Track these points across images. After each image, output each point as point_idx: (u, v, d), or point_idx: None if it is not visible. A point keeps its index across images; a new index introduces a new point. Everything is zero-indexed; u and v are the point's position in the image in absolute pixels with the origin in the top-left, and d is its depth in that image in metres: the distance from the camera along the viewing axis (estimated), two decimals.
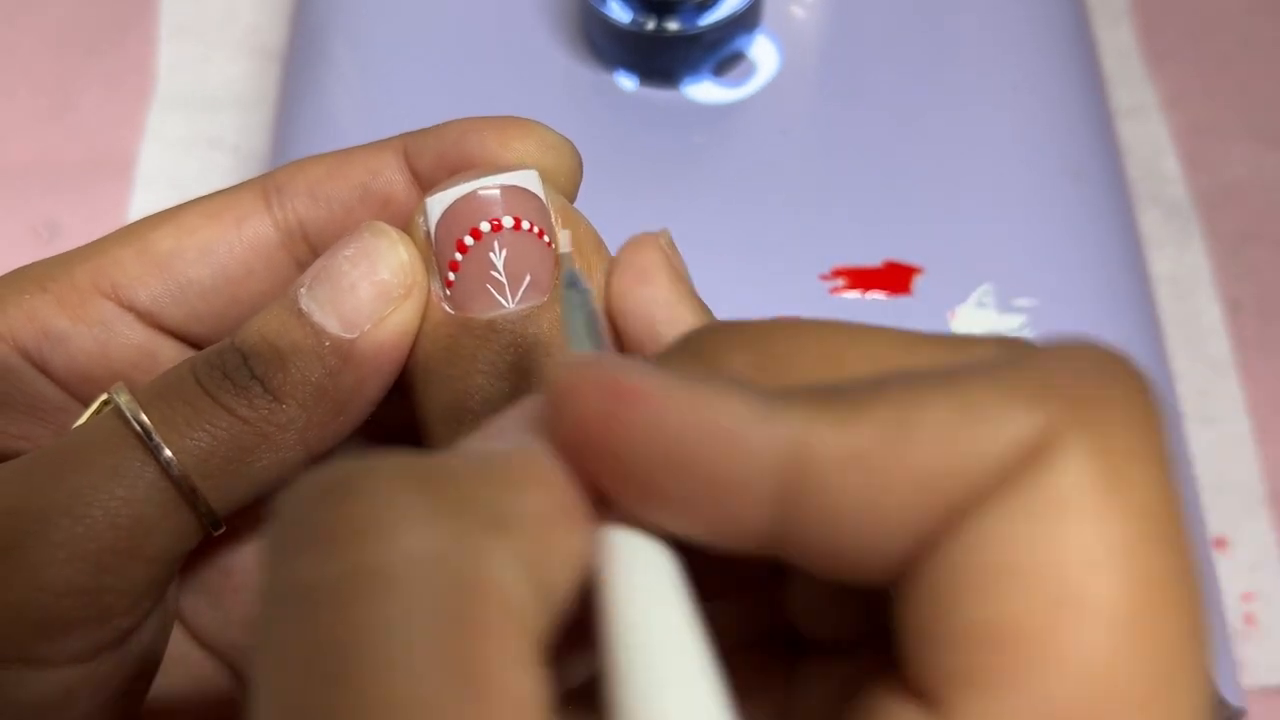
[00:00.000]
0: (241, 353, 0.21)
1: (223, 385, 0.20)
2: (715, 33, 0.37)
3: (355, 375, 0.21)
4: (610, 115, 0.38)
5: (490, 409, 0.21)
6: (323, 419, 0.21)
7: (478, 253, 0.21)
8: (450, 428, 0.21)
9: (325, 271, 0.21)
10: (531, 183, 0.21)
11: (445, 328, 0.21)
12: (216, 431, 0.20)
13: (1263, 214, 0.44)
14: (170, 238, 0.23)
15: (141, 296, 0.22)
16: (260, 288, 0.23)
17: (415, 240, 0.21)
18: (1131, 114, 0.46)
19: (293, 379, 0.20)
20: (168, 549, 0.20)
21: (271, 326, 0.21)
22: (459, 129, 0.23)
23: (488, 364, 0.21)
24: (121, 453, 0.20)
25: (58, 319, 0.22)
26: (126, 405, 0.20)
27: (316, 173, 0.23)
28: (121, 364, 0.23)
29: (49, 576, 0.19)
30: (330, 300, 0.21)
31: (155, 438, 0.20)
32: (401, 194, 0.23)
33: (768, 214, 0.35)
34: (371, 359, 0.21)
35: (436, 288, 0.21)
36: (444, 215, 0.21)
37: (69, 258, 0.23)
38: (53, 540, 0.19)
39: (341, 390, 0.21)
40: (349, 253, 0.21)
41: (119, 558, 0.20)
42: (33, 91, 0.46)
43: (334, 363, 0.20)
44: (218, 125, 0.45)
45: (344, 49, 0.39)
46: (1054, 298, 0.34)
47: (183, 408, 0.20)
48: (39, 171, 0.44)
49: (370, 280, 0.21)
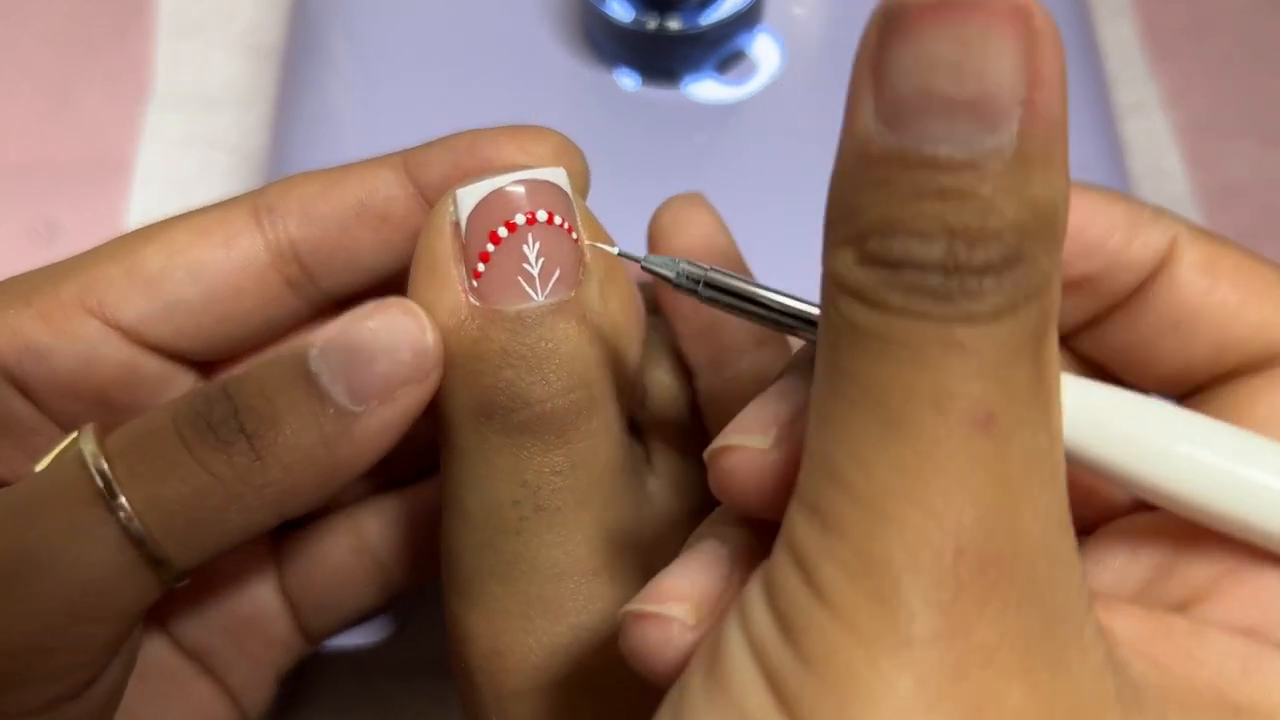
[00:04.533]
0: (234, 403, 0.20)
1: (204, 437, 0.19)
2: (717, 31, 0.37)
3: (352, 449, 0.20)
4: (612, 114, 0.38)
5: (520, 403, 0.21)
6: (304, 485, 0.20)
7: (511, 244, 0.21)
8: (477, 425, 0.21)
9: (345, 337, 0.20)
10: (561, 180, 0.21)
11: (472, 321, 0.21)
12: (185, 489, 0.19)
13: (1264, 212, 0.44)
14: (160, 256, 0.22)
15: (128, 314, 0.22)
16: (249, 307, 0.23)
17: (439, 231, 0.21)
18: (1133, 111, 0.46)
19: (283, 441, 0.19)
20: (127, 608, 0.20)
21: (272, 381, 0.20)
22: (469, 138, 0.23)
23: (518, 358, 0.21)
24: (80, 509, 0.19)
25: (40, 334, 0.22)
26: (90, 455, 0.19)
27: (309, 191, 0.23)
28: (103, 381, 0.22)
29: (3, 638, 0.18)
30: (343, 368, 0.20)
31: (117, 493, 0.19)
32: (401, 210, 0.23)
33: (770, 213, 0.35)
34: (372, 436, 0.20)
35: (463, 279, 0.21)
36: (477, 206, 0.21)
37: (55, 271, 0.22)
38: (7, 598, 0.18)
39: (333, 461, 0.20)
40: (374, 325, 0.20)
41: (75, 620, 0.19)
42: (32, 91, 0.46)
43: (332, 432, 0.20)
44: (216, 124, 0.45)
45: (343, 48, 0.39)
46: None
47: (154, 460, 0.19)
48: (38, 171, 0.44)
49: (392, 359, 0.20)
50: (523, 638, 0.21)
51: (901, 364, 0.14)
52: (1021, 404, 0.14)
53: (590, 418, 0.21)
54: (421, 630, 0.30)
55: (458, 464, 0.22)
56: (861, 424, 0.14)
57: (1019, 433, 0.14)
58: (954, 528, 0.14)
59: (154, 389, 0.23)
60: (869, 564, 0.14)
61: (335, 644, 0.30)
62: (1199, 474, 0.17)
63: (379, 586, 0.26)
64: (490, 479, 0.21)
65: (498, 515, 0.21)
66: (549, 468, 0.21)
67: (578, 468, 0.21)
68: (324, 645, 0.29)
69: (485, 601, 0.22)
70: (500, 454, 0.21)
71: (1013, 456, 0.14)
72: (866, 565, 0.14)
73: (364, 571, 0.25)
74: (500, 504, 0.21)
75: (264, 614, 0.25)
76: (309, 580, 0.25)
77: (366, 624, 0.30)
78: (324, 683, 0.36)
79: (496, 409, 0.21)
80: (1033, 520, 0.14)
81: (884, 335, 0.14)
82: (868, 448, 0.14)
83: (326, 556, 0.25)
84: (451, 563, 0.22)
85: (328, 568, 0.25)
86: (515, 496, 0.21)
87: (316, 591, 0.25)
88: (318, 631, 0.26)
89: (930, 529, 0.14)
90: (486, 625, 0.22)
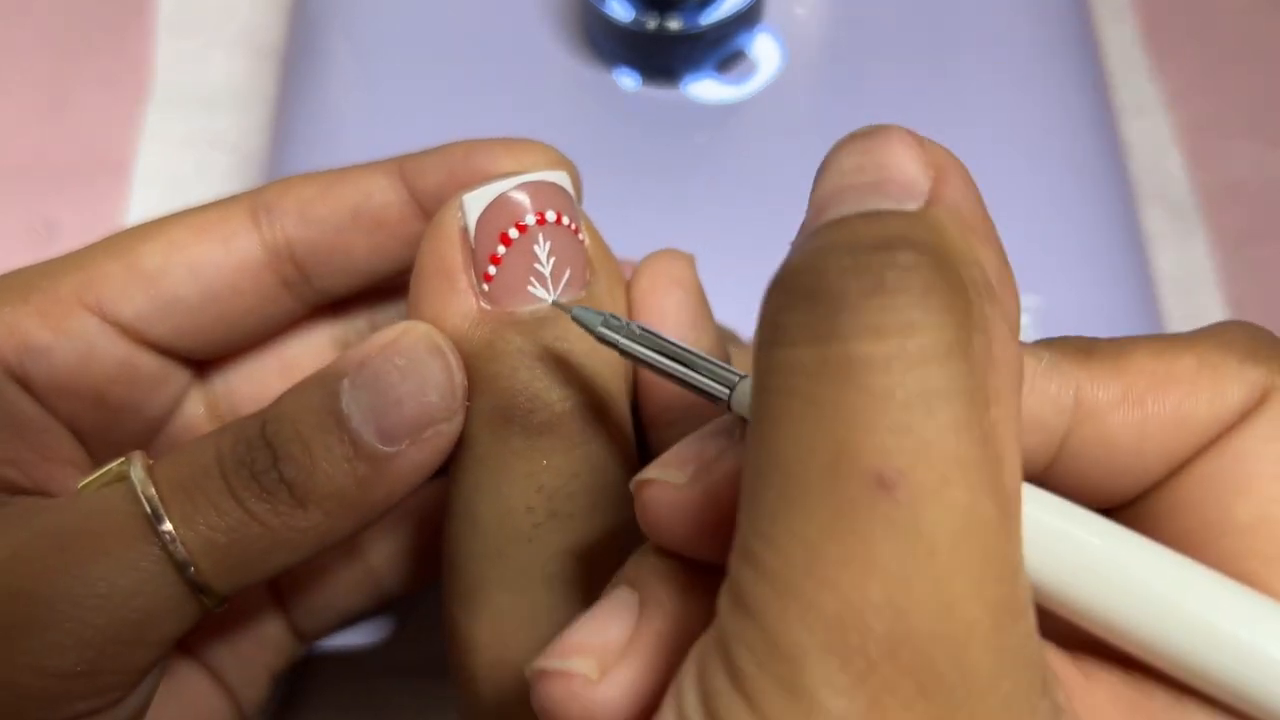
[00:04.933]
0: (273, 451, 0.20)
1: (249, 486, 0.20)
2: (717, 31, 0.37)
3: (384, 489, 0.20)
4: (612, 114, 0.37)
5: (539, 404, 0.21)
6: (342, 526, 0.20)
7: (522, 245, 0.21)
8: (494, 430, 0.21)
9: (372, 374, 0.20)
10: (565, 182, 0.21)
11: (484, 325, 0.21)
12: (235, 535, 0.20)
13: (1265, 212, 0.44)
14: (159, 254, 0.22)
15: (127, 312, 0.22)
16: (246, 305, 0.23)
17: (446, 237, 0.21)
18: (1134, 112, 0.46)
19: (321, 487, 0.20)
20: (171, 634, 0.20)
21: (308, 422, 0.20)
22: (464, 148, 0.23)
23: (535, 358, 0.21)
24: (136, 546, 0.19)
25: (40, 332, 0.22)
26: (142, 489, 0.20)
27: (307, 192, 0.23)
28: (101, 378, 0.22)
29: (53, 662, 0.19)
30: (373, 409, 0.20)
31: (173, 533, 0.19)
32: (395, 216, 0.23)
33: (770, 213, 0.35)
34: (405, 476, 0.20)
35: (473, 283, 0.21)
36: (486, 210, 0.21)
37: (52, 268, 0.22)
38: (60, 628, 0.19)
39: (367, 501, 0.20)
40: (401, 363, 0.20)
41: (124, 646, 0.19)
42: (30, 90, 0.46)
43: (365, 473, 0.20)
44: (216, 123, 0.45)
45: (343, 47, 0.39)
46: (1057, 296, 0.34)
47: (204, 505, 0.20)
48: (37, 170, 0.44)
49: (418, 400, 0.20)
50: (531, 647, 0.21)
51: (803, 422, 0.13)
52: (943, 461, 0.13)
53: (606, 418, 0.21)
54: (420, 630, 0.30)
55: (473, 471, 0.21)
56: (766, 496, 0.13)
57: (943, 495, 0.13)
58: (859, 604, 0.13)
59: (150, 387, 0.23)
60: (775, 647, 0.13)
61: (333, 644, 0.30)
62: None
63: (371, 591, 0.26)
64: (506, 485, 0.21)
65: (511, 522, 0.21)
66: (567, 470, 0.21)
67: (592, 472, 0.21)
68: (321, 645, 0.29)
69: (492, 611, 0.21)
70: (518, 458, 0.21)
71: (933, 523, 0.13)
72: (773, 649, 0.13)
73: (356, 576, 0.25)
74: (514, 511, 0.21)
75: (257, 615, 0.25)
76: (301, 583, 0.25)
77: (364, 624, 0.30)
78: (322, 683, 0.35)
79: (516, 412, 0.21)
80: (968, 598, 0.13)
81: (788, 390, 0.13)
82: (773, 522, 0.13)
83: (320, 562, 0.25)
84: (456, 572, 0.22)
85: (320, 571, 0.25)
86: (530, 502, 0.21)
87: (310, 595, 0.25)
88: (310, 632, 0.26)
89: (832, 606, 0.13)
90: (493, 634, 0.21)
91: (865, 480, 0.13)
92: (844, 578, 0.13)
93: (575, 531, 0.21)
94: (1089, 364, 0.17)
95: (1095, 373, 0.17)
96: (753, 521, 0.14)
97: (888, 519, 0.13)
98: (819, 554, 0.13)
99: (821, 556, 0.13)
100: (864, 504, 0.13)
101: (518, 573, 0.21)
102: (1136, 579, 0.15)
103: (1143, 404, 0.16)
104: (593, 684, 0.16)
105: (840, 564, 0.13)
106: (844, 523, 0.13)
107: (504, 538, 0.21)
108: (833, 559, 0.13)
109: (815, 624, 0.13)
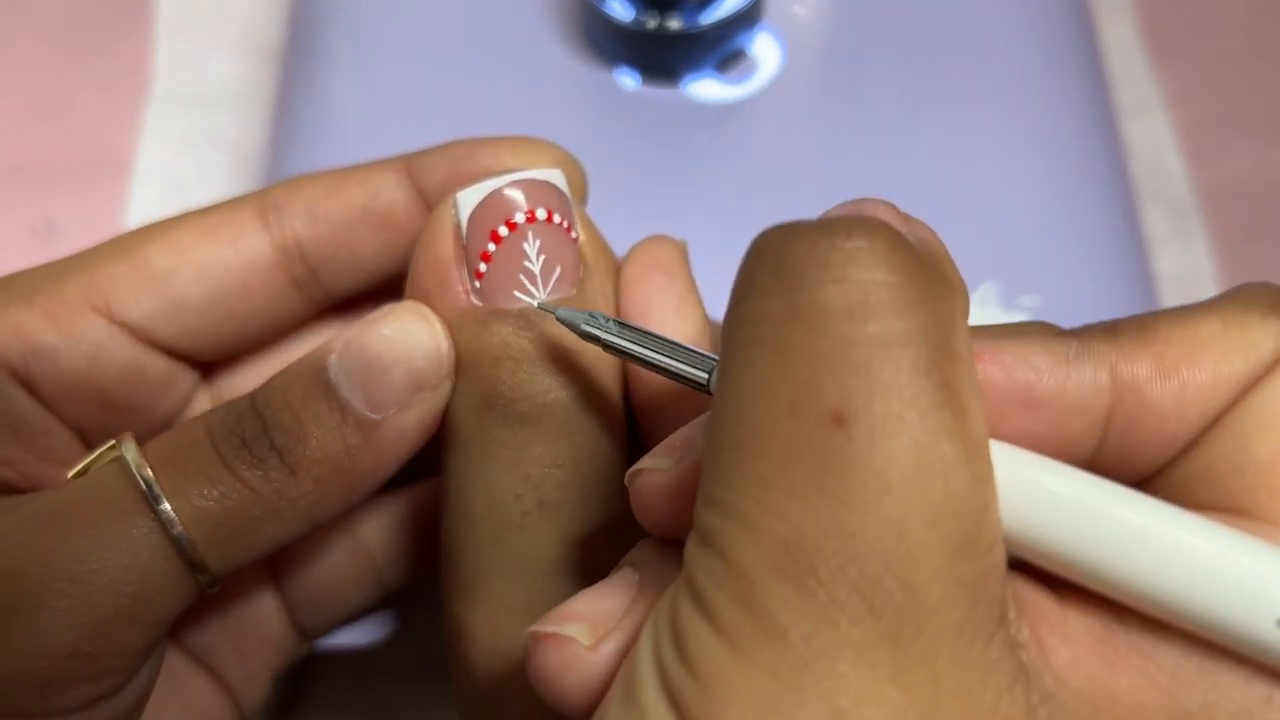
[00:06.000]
0: (263, 420, 0.20)
1: (240, 454, 0.20)
2: (717, 30, 0.37)
3: (373, 457, 0.20)
4: (612, 114, 0.37)
5: (522, 395, 0.21)
6: (333, 494, 0.20)
7: (512, 243, 0.21)
8: (479, 417, 0.21)
9: (359, 345, 0.20)
10: (559, 180, 0.22)
11: (473, 319, 0.21)
12: (226, 503, 0.20)
13: (1265, 211, 0.44)
14: (166, 255, 0.22)
15: (134, 313, 0.22)
16: (254, 305, 0.23)
17: (440, 233, 0.21)
18: (1134, 111, 0.46)
19: (311, 453, 0.20)
20: (166, 613, 0.20)
21: (296, 393, 0.20)
22: (469, 146, 0.23)
23: (519, 350, 0.21)
24: (129, 519, 0.19)
25: (46, 334, 0.22)
26: (135, 465, 0.20)
27: (315, 191, 0.23)
28: (108, 380, 0.22)
29: (50, 642, 0.19)
30: (361, 378, 0.20)
31: (163, 501, 0.19)
32: (402, 214, 0.23)
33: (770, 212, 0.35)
34: (392, 443, 0.21)
35: (464, 280, 0.21)
36: (478, 207, 0.21)
37: (58, 269, 0.22)
38: (56, 607, 0.19)
39: (357, 469, 0.20)
40: (388, 332, 0.21)
41: (120, 625, 0.19)
42: (30, 90, 0.46)
43: (354, 441, 0.20)
44: (216, 123, 0.45)
45: (343, 46, 0.39)
46: (1057, 295, 0.34)
47: (195, 475, 0.20)
48: (37, 170, 0.44)
49: (406, 367, 0.20)
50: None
51: (766, 366, 0.14)
52: (900, 402, 0.14)
53: (592, 412, 0.21)
54: (421, 630, 0.30)
55: (461, 457, 0.22)
56: (727, 444, 0.14)
57: (898, 433, 0.14)
58: (808, 528, 0.14)
59: (157, 389, 0.23)
60: (731, 568, 0.14)
61: (335, 644, 0.30)
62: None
63: (373, 585, 0.26)
64: (493, 472, 0.21)
65: (501, 510, 0.21)
66: (550, 460, 0.21)
67: (580, 462, 0.21)
68: (323, 645, 0.29)
69: (487, 599, 0.22)
70: (503, 446, 0.21)
71: (886, 457, 0.14)
72: (730, 570, 0.14)
73: (358, 571, 0.26)
74: (504, 498, 0.21)
75: (258, 612, 0.25)
76: (303, 579, 0.25)
77: (366, 624, 0.30)
78: (323, 683, 0.35)
79: (498, 400, 0.21)
80: (920, 528, 0.14)
81: (755, 339, 0.14)
82: (733, 467, 0.14)
83: (321, 555, 0.25)
84: (452, 560, 0.22)
85: (322, 567, 0.25)
86: (518, 490, 0.21)
87: (311, 590, 0.25)
88: (312, 629, 0.26)
89: (781, 529, 0.14)
90: (488, 623, 0.22)
91: (822, 418, 0.14)
92: (793, 505, 0.14)
93: (567, 520, 0.22)
94: (1117, 342, 0.17)
95: (1125, 350, 0.17)
96: (715, 469, 0.15)
97: (839, 452, 0.14)
98: (771, 486, 0.14)
99: (774, 488, 0.14)
100: (817, 440, 0.14)
101: (512, 561, 0.22)
102: (1100, 519, 0.15)
103: (1177, 372, 0.17)
104: (586, 649, 0.17)
105: (790, 493, 0.14)
106: (797, 457, 0.14)
107: (496, 525, 0.21)
108: (784, 489, 0.14)
109: (766, 545, 0.14)
